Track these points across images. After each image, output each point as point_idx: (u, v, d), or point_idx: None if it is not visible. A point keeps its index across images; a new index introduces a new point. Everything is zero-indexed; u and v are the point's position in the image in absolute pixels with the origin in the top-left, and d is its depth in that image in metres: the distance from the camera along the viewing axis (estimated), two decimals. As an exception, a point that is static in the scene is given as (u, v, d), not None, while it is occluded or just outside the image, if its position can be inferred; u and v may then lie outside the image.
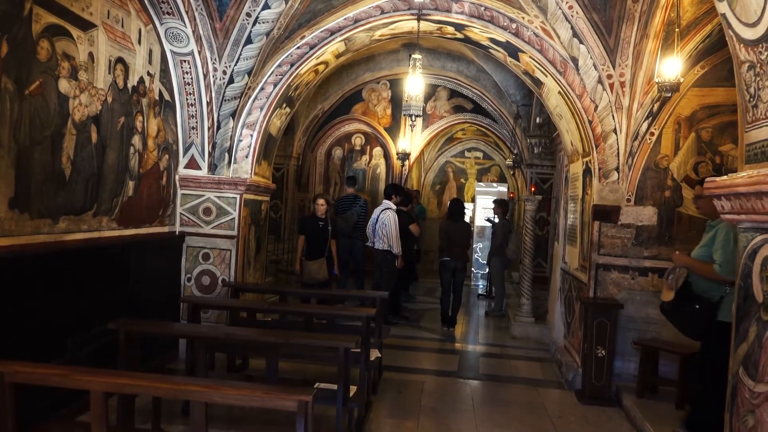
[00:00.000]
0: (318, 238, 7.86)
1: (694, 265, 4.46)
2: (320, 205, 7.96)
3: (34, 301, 4.31)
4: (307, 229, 7.99)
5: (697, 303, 4.33)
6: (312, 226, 7.95)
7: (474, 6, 6.35)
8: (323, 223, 7.93)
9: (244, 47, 6.29)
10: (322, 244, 7.89)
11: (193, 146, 6.64)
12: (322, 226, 7.91)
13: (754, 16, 2.28)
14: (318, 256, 7.85)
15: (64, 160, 4.63)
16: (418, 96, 6.92)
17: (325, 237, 7.90)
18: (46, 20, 4.32)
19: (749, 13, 2.31)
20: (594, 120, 6.23)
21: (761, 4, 2.23)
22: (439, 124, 13.86)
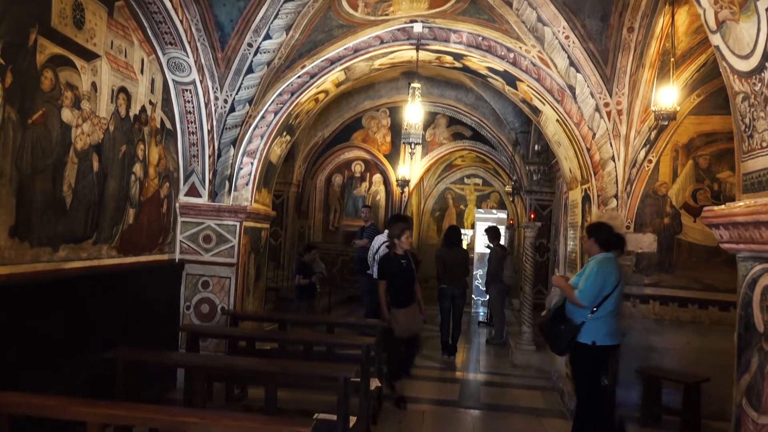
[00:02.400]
0: (403, 280, 6.38)
1: (565, 288, 4.95)
2: (406, 238, 6.45)
3: (32, 328, 4.29)
4: (389, 272, 6.42)
5: (564, 324, 4.84)
6: (395, 267, 6.41)
7: (472, 36, 6.45)
8: (406, 261, 6.45)
9: (246, 76, 6.37)
10: (409, 287, 6.43)
11: (194, 174, 6.67)
12: (405, 265, 6.41)
13: (747, 49, 2.32)
14: (408, 302, 6.36)
15: (65, 189, 4.65)
16: (418, 124, 6.98)
17: (411, 278, 6.48)
18: (51, 51, 4.39)
19: (742, 45, 2.35)
20: (592, 147, 6.28)
21: (753, 36, 2.27)
22: (439, 151, 13.95)
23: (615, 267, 4.88)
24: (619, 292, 4.84)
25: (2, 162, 3.94)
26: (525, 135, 11.07)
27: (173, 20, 5.68)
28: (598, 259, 4.88)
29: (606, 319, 4.75)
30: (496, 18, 6.17)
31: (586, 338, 4.72)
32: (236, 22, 6.00)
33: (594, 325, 4.72)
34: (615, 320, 4.85)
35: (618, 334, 4.90)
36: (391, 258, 6.38)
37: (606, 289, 4.72)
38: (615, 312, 4.82)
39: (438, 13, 6.39)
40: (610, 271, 4.78)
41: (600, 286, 4.71)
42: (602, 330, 4.73)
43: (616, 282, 4.75)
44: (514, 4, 5.81)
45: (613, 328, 4.82)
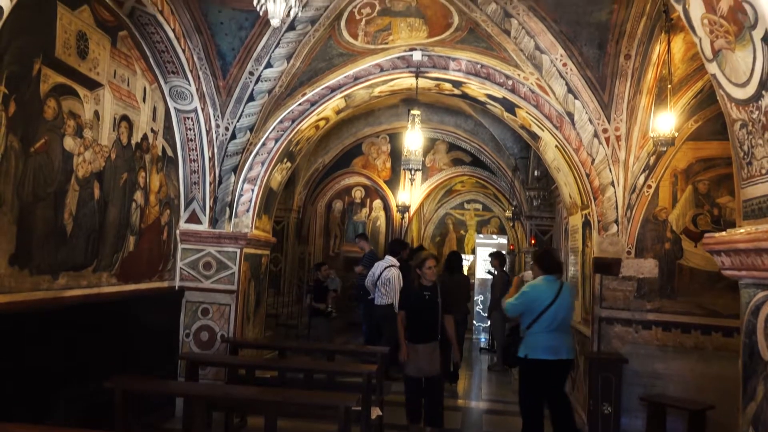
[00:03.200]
0: (423, 314, 5.66)
1: (511, 292, 5.56)
2: (428, 268, 5.66)
3: (31, 357, 4.25)
4: (407, 303, 5.82)
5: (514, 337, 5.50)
6: (414, 299, 5.72)
7: (471, 63, 6.53)
8: (430, 293, 5.68)
9: (247, 104, 6.42)
10: (433, 322, 5.67)
11: (195, 201, 6.69)
12: (428, 298, 5.65)
13: (744, 77, 2.34)
14: (429, 338, 5.62)
15: (66, 216, 4.66)
16: (417, 151, 7.03)
17: (433, 312, 5.69)
18: (54, 80, 4.44)
19: (738, 74, 2.37)
20: (591, 173, 6.30)
21: (749, 65, 2.30)
22: (439, 176, 14.00)
23: (552, 288, 5.28)
24: (557, 310, 5.19)
25: (4, 190, 3.95)
26: (524, 160, 11.12)
27: (176, 50, 5.75)
28: (535, 281, 5.43)
29: (541, 335, 5.16)
30: (495, 46, 6.25)
31: (521, 352, 5.25)
32: (238, 51, 6.08)
33: (529, 339, 5.23)
34: (552, 336, 5.18)
35: (557, 350, 5.19)
36: (413, 289, 5.78)
37: (538, 306, 5.17)
38: (552, 329, 5.16)
39: (437, 42, 6.48)
40: (543, 290, 5.24)
41: (527, 303, 5.23)
42: (536, 345, 5.16)
43: (550, 301, 5.15)
44: (512, 32, 5.89)
45: (550, 344, 5.16)
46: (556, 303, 5.17)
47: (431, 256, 5.86)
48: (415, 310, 5.68)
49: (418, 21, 6.24)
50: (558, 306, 5.17)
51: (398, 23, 6.28)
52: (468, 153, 13.47)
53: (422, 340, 5.61)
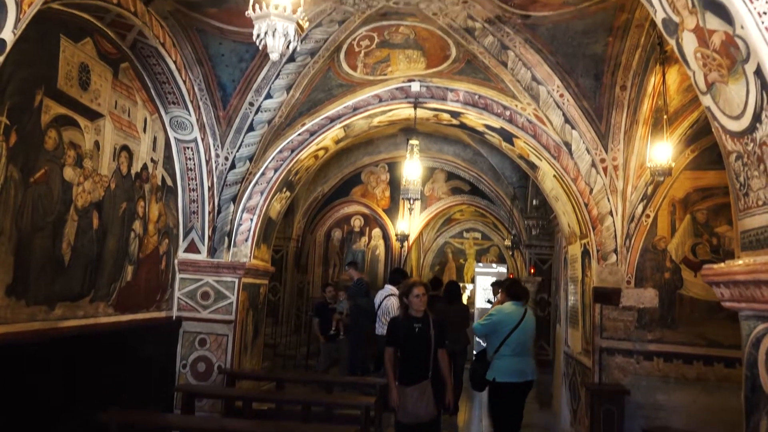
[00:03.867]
0: (413, 351, 4.92)
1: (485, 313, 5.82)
2: (415, 297, 4.90)
3: (26, 388, 4.20)
4: (396, 338, 5.00)
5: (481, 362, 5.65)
6: (405, 331, 4.93)
7: (468, 94, 6.60)
8: (421, 326, 4.90)
9: (246, 134, 6.47)
10: (423, 359, 4.88)
11: (194, 230, 6.68)
12: (418, 332, 4.88)
13: (738, 110, 2.37)
14: (418, 379, 4.85)
15: (64, 246, 4.65)
16: (416, 180, 7.06)
17: (427, 347, 4.88)
18: (56, 111, 4.48)
19: (732, 106, 2.40)
20: (590, 203, 6.31)
21: (743, 98, 2.32)
22: (437, 205, 14.02)
23: (518, 312, 5.61)
24: (522, 335, 5.52)
25: (2, 220, 3.96)
26: (523, 189, 11.15)
27: (177, 81, 5.82)
28: (502, 305, 5.77)
29: (508, 358, 5.45)
30: (492, 77, 6.33)
31: (489, 375, 5.48)
32: (238, 82, 6.15)
33: (496, 363, 5.49)
34: (518, 360, 5.50)
35: (523, 373, 5.52)
36: (400, 321, 5.02)
37: (505, 329, 5.47)
38: (517, 352, 5.48)
39: (435, 73, 6.56)
40: (509, 314, 5.56)
41: (494, 325, 5.56)
42: (504, 369, 5.44)
43: (515, 324, 5.46)
44: (509, 64, 5.96)
45: (517, 368, 5.47)
46: (521, 326, 5.52)
47: (419, 283, 5.08)
48: (406, 347, 4.93)
49: (417, 53, 6.32)
50: (522, 329, 5.53)
51: (397, 55, 6.36)
52: (467, 182, 13.52)
53: (414, 380, 4.84)
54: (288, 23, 2.34)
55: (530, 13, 5.31)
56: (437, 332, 4.93)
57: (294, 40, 2.36)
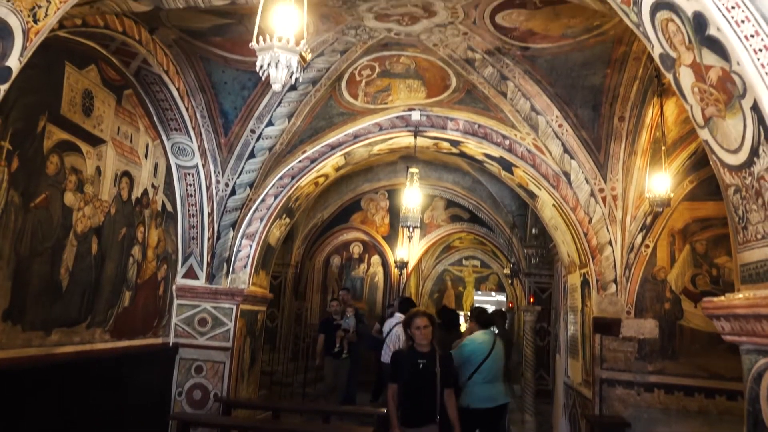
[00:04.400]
0: (419, 388, 4.42)
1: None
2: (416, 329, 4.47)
3: (20, 413, 4.14)
4: (400, 374, 4.49)
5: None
6: (409, 367, 4.45)
7: (468, 124, 6.66)
8: (426, 362, 4.43)
9: (247, 161, 6.51)
10: (428, 399, 4.39)
11: (192, 256, 6.67)
12: (424, 367, 4.41)
13: (735, 144, 2.39)
14: (423, 421, 4.40)
15: (62, 271, 4.64)
16: (416, 208, 7.08)
17: (432, 385, 4.41)
18: (58, 137, 4.51)
19: (730, 140, 2.42)
20: (589, 232, 6.32)
21: (740, 132, 2.34)
22: (437, 233, 14.02)
23: (489, 341, 5.76)
24: (493, 362, 5.64)
25: (2, 244, 3.95)
26: (522, 218, 11.16)
27: (179, 108, 5.87)
28: (473, 335, 5.89)
29: (481, 385, 5.55)
30: (491, 107, 6.39)
31: (463, 402, 5.44)
32: (240, 110, 6.21)
33: (470, 390, 5.57)
34: (491, 386, 5.61)
35: (495, 399, 5.63)
36: (404, 356, 4.54)
37: (477, 358, 5.58)
38: (488, 379, 5.59)
39: (435, 102, 6.63)
40: (481, 343, 5.69)
41: (467, 354, 5.64)
42: (478, 395, 5.53)
43: (486, 353, 5.57)
44: (508, 94, 6.03)
45: (489, 394, 5.58)
46: (492, 354, 5.65)
47: (421, 313, 4.58)
48: (408, 384, 4.43)
49: (417, 82, 6.40)
50: (493, 357, 5.66)
51: (397, 84, 6.44)
52: (466, 210, 13.54)
53: (417, 422, 4.38)
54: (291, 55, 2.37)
55: (529, 45, 5.39)
56: (444, 369, 4.41)
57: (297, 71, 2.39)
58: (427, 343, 4.48)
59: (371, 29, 5.34)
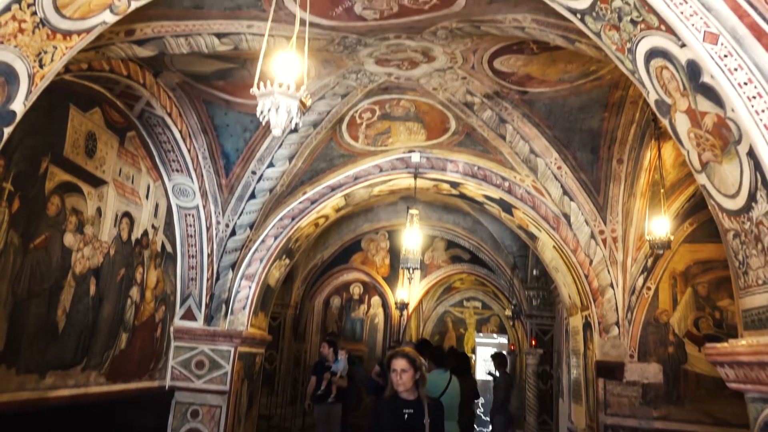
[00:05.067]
0: None
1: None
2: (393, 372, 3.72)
3: (7, 465, 4.04)
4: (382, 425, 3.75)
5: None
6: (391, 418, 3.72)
7: (468, 165, 6.71)
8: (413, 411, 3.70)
9: (248, 202, 6.53)
10: None
11: (191, 297, 6.62)
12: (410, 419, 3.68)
13: (733, 189, 2.40)
14: None
15: (59, 313, 4.60)
16: (416, 250, 7.06)
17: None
18: (60, 178, 4.53)
19: (727, 185, 2.43)
20: (590, 274, 6.29)
21: (737, 177, 2.36)
22: (437, 274, 13.95)
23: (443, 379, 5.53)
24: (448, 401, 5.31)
25: (-1, 286, 3.93)
26: (523, 259, 11.12)
27: (181, 149, 5.93)
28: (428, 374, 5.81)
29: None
30: (491, 149, 6.45)
31: None
32: (241, 151, 6.26)
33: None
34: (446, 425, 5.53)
35: None
36: (385, 405, 3.80)
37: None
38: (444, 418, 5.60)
39: (435, 145, 6.69)
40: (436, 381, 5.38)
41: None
42: None
43: (441, 391, 5.32)
44: (507, 137, 6.09)
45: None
46: (447, 393, 5.44)
47: (400, 354, 3.76)
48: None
49: (417, 125, 6.48)
50: (448, 395, 5.46)
51: (398, 127, 6.52)
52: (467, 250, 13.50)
53: None
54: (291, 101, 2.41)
55: (527, 89, 5.47)
56: (434, 420, 3.71)
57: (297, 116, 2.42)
58: (412, 389, 3.71)
59: (372, 73, 5.43)
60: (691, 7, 2.24)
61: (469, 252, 13.56)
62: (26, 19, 2.76)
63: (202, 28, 4.05)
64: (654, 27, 2.42)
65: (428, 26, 4.36)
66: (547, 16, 3.60)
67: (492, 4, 3.82)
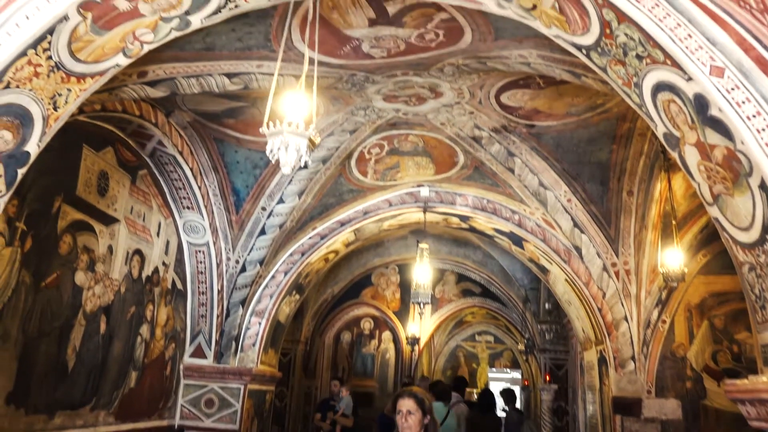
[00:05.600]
0: None
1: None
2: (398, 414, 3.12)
3: None
4: None
5: None
6: None
7: (477, 199, 6.71)
8: None
9: (258, 238, 6.55)
10: None
11: (201, 334, 6.59)
12: None
13: (746, 221, 2.37)
14: None
15: (69, 352, 4.58)
16: (426, 284, 7.01)
17: None
18: (72, 217, 4.57)
19: (740, 218, 2.40)
20: (603, 307, 6.20)
21: (750, 210, 2.33)
22: (448, 308, 13.82)
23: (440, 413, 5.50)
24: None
25: (10, 325, 3.93)
26: (535, 292, 11.00)
27: (192, 187, 5.98)
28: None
29: None
30: (500, 183, 6.45)
31: None
32: (251, 188, 6.31)
33: None
34: None
35: None
36: None
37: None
38: None
39: (444, 179, 6.71)
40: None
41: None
42: None
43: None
44: (515, 170, 6.10)
45: None
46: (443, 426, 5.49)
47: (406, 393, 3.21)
48: None
49: (425, 159, 6.51)
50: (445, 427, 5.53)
51: (406, 162, 6.55)
52: (477, 284, 13.40)
53: None
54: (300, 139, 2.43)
55: (535, 122, 5.50)
56: None
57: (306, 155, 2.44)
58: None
59: (380, 109, 5.49)
60: (696, 41, 2.26)
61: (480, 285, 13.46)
62: (42, 63, 2.82)
63: (213, 68, 4.13)
64: (660, 61, 2.43)
65: (435, 63, 4.42)
66: (552, 52, 3.64)
67: (498, 41, 3.87)
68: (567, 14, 2.66)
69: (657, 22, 2.31)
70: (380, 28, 3.94)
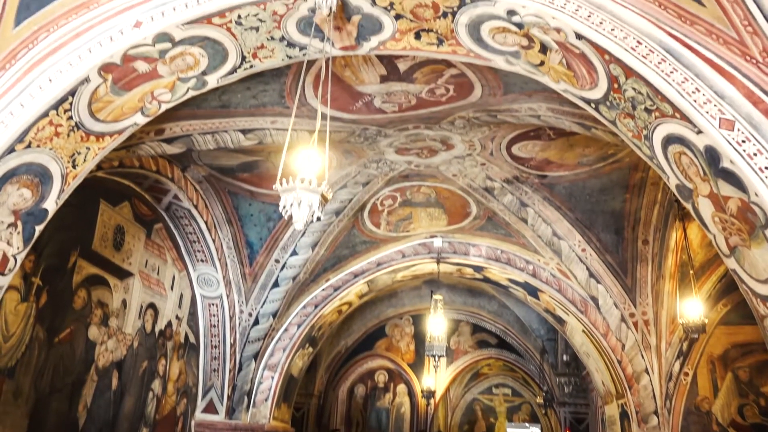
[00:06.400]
0: None
1: None
2: None
3: None
4: None
5: None
6: None
7: (491, 249, 6.68)
8: None
9: (271, 290, 6.54)
10: None
11: (213, 389, 6.51)
12: None
13: (765, 274, 2.33)
14: None
15: (80, 408, 4.54)
16: (441, 336, 6.91)
17: None
18: (88, 271, 4.61)
19: (759, 270, 2.37)
20: (623, 360, 6.05)
21: (768, 261, 2.30)
22: (464, 359, 13.56)
23: None
24: None
25: (23, 381, 3.91)
26: (552, 343, 10.79)
27: (206, 240, 6.02)
28: None
29: None
30: (513, 233, 6.43)
31: None
32: (265, 240, 6.34)
33: None
34: None
35: None
36: None
37: None
38: None
39: (457, 229, 6.71)
40: None
41: None
42: None
43: None
44: (528, 220, 6.09)
45: None
46: None
47: None
48: None
49: (438, 210, 6.53)
50: None
51: (419, 213, 6.58)
52: (493, 335, 13.17)
53: None
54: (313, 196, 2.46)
55: (546, 173, 5.52)
56: None
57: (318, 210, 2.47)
58: None
59: (392, 162, 5.55)
60: (704, 95, 2.28)
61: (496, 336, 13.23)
62: (62, 123, 2.91)
63: (228, 125, 4.23)
64: (668, 115, 2.45)
65: (446, 116, 4.49)
66: (561, 105, 3.69)
67: (507, 95, 3.94)
68: (575, 70, 2.71)
69: (664, 77, 2.34)
70: (392, 84, 4.03)
